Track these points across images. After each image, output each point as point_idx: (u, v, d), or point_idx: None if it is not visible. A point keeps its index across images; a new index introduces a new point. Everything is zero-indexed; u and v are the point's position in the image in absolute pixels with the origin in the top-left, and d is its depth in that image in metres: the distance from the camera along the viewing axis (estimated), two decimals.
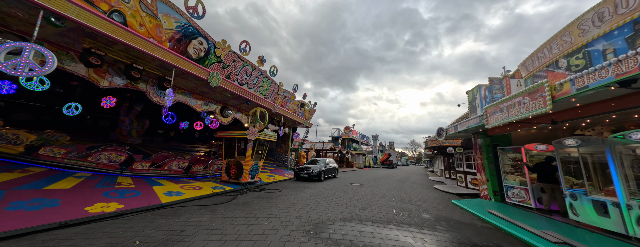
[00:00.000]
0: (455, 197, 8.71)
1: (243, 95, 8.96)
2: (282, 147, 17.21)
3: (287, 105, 13.44)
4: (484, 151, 7.61)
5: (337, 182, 11.51)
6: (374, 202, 6.77)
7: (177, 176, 8.22)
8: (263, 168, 13.36)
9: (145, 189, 5.72)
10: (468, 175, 10.43)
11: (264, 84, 10.33)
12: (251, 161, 8.58)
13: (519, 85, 5.68)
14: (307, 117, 16.55)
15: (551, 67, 4.57)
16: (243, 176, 8.32)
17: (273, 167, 14.23)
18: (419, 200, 7.58)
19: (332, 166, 13.89)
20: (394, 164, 38.44)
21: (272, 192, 7.75)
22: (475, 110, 8.14)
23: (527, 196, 6.04)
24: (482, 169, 7.78)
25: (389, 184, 12.04)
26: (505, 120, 4.40)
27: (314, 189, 8.94)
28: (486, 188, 7.59)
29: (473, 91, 8.33)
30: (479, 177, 8.00)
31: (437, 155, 20.73)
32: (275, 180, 10.67)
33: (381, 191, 9.18)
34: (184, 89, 7.69)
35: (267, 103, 10.94)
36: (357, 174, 18.34)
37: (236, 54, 7.92)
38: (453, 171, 16.09)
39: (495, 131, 7.23)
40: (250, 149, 8.46)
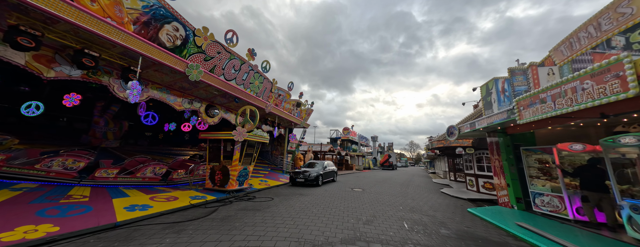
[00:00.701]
0: (469, 204, 7.72)
1: (231, 92, 7.95)
2: (277, 149, 16.15)
3: (282, 104, 12.43)
4: (503, 152, 6.65)
5: (336, 187, 10.47)
6: (380, 213, 5.75)
7: (152, 184, 7.13)
8: (255, 173, 12.27)
9: (100, 203, 4.65)
10: (480, 178, 9.46)
11: (255, 80, 9.33)
12: (239, 165, 7.53)
13: (550, 74, 4.77)
14: (303, 117, 15.55)
15: (600, 48, 3.67)
16: (229, 183, 7.25)
17: (267, 171, 13.15)
18: (430, 209, 6.57)
19: (330, 169, 12.86)
20: (393, 165, 37.51)
21: (262, 201, 6.69)
22: (491, 106, 7.20)
23: (562, 205, 5.07)
24: (501, 172, 6.81)
25: (392, 188, 11.02)
26: (549, 113, 3.45)
27: (311, 196, 7.90)
28: (506, 194, 6.61)
29: (487, 85, 7.41)
30: (497, 182, 7.02)
31: (440, 156, 19.79)
32: (268, 186, 9.60)
33: (386, 198, 8.16)
34: (159, 84, 6.65)
35: (259, 101, 9.93)
36: (357, 177, 17.31)
37: (221, 45, 6.92)
38: (459, 173, 15.13)
39: (516, 129, 6.29)
40: (238, 152, 7.41)
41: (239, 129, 7.25)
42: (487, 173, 9.17)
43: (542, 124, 5.24)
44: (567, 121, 4.18)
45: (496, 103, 6.86)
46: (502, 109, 6.50)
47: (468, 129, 6.40)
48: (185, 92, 7.57)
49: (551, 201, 5.29)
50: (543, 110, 3.55)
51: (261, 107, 10.21)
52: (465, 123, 6.52)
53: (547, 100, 3.45)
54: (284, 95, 12.31)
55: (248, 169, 8.09)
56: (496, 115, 5.06)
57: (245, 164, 7.96)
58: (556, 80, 4.73)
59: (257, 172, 12.34)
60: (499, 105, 6.73)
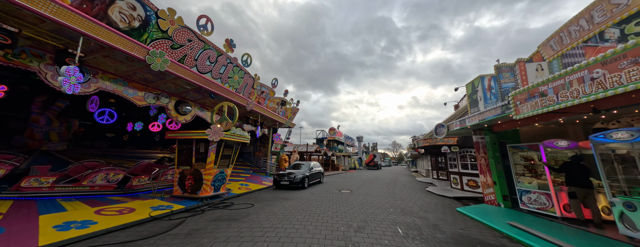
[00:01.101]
0: (456, 202, 7.63)
1: (205, 86, 7.02)
2: (261, 150, 15.19)
3: (265, 102, 11.60)
4: (490, 150, 6.60)
5: (323, 189, 9.91)
6: (371, 217, 5.30)
7: (103, 193, 5.96)
8: (235, 176, 11.27)
9: (20, 223, 3.57)
10: (464, 176, 9.53)
11: (234, 75, 8.46)
12: (215, 168, 6.63)
13: (539, 70, 4.72)
14: (289, 116, 14.80)
15: (592, 42, 3.60)
16: (203, 189, 6.34)
17: (249, 174, 12.18)
18: (421, 210, 6.29)
19: (317, 171, 12.28)
20: (378, 165, 38.05)
21: (241, 208, 5.90)
22: (477, 104, 7.16)
23: (550, 202, 5.02)
24: (487, 170, 6.76)
25: (380, 188, 10.75)
26: (550, 106, 3.23)
27: (296, 200, 7.24)
28: (493, 192, 6.55)
29: (473, 83, 7.38)
30: (483, 180, 6.97)
31: (423, 155, 20.20)
32: (249, 190, 8.75)
33: (375, 199, 7.78)
34: (113, 73, 5.56)
35: (239, 98, 9.05)
36: (344, 177, 16.94)
37: (192, 32, 6.03)
38: (442, 171, 15.43)
39: (502, 127, 6.25)
40: (214, 154, 6.52)
41: (214, 128, 6.38)
42: (471, 171, 9.25)
43: (528, 121, 5.18)
44: (559, 117, 4.07)
45: (482, 101, 6.82)
46: (488, 106, 6.45)
47: (457, 127, 6.25)
48: (149, 85, 6.50)
49: (538, 199, 5.24)
50: (543, 104, 3.34)
51: (242, 104, 9.33)
52: (454, 120, 6.37)
53: (548, 92, 3.24)
54: (267, 93, 11.50)
55: (226, 172, 7.21)
56: (489, 112, 4.90)
57: (222, 167, 7.07)
58: (545, 76, 4.66)
59: (238, 176, 11.34)
60: (485, 103, 6.68)
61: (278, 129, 15.70)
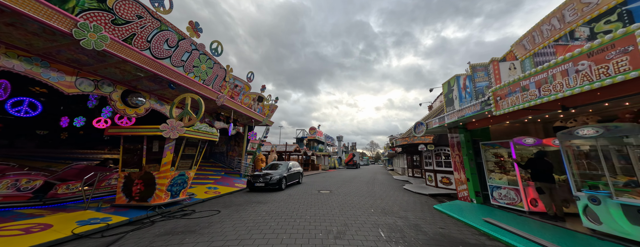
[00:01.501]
0: (432, 200, 7.72)
1: (163, 74, 5.96)
2: (235, 150, 14.00)
3: (239, 97, 10.61)
4: (464, 148, 6.75)
5: (301, 190, 9.34)
6: (352, 220, 4.91)
7: (12, 205, 4.56)
8: (202, 178, 10.08)
9: None
10: (438, 174, 9.81)
11: (201, 64, 7.43)
12: (172, 171, 5.63)
13: (512, 68, 4.84)
14: (266, 114, 13.90)
15: (562, 40, 3.71)
16: (155, 196, 5.30)
17: (219, 176, 11.03)
18: (400, 209, 6.13)
19: (295, 171, 11.66)
20: (357, 164, 38.73)
21: (203, 216, 5.04)
22: (452, 103, 7.31)
23: (518, 197, 5.19)
24: (461, 167, 6.90)
25: (359, 187, 10.57)
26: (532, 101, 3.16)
27: (271, 203, 6.56)
28: (466, 189, 6.70)
29: (449, 82, 7.52)
30: (457, 177, 7.12)
31: (400, 154, 20.87)
32: (218, 194, 7.78)
33: (355, 199, 7.48)
34: (24, 50, 4.26)
35: (207, 91, 8.01)
36: (323, 177, 16.57)
37: (143, 6, 5.00)
38: (416, 169, 16.00)
39: (475, 125, 6.41)
40: (171, 153, 5.52)
41: (172, 122, 5.39)
42: (444, 169, 9.55)
43: (500, 119, 5.32)
44: (531, 114, 4.15)
45: (457, 100, 6.96)
46: (463, 105, 6.56)
47: (436, 124, 6.25)
48: (84, 69, 5.23)
49: (508, 194, 5.40)
50: (524, 98, 3.28)
51: (211, 98, 8.30)
52: (433, 118, 6.37)
53: (529, 87, 3.19)
54: (241, 87, 10.53)
55: (187, 175, 6.21)
56: (468, 108, 4.88)
57: (183, 169, 6.07)
58: (518, 74, 4.78)
59: (206, 178, 10.16)
60: (461, 102, 6.82)
61: (254, 127, 14.67)
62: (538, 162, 4.82)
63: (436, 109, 12.08)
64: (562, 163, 4.31)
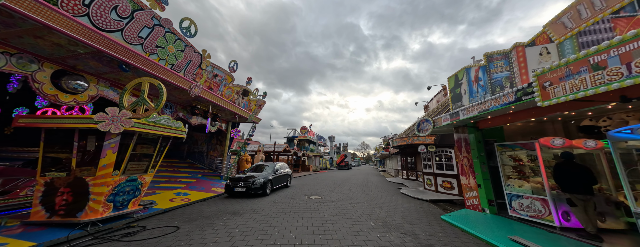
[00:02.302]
0: (435, 207, 6.80)
1: (111, 51, 4.59)
2: (217, 149, 12.52)
3: (219, 89, 9.24)
4: (474, 149, 5.85)
5: (289, 195, 8.14)
6: (350, 239, 3.82)
7: None
8: (174, 181, 8.61)
9: None
10: (439, 177, 8.95)
11: (167, 45, 6.08)
12: (116, 175, 4.26)
13: (544, 54, 3.97)
14: (253, 109, 12.55)
15: (627, 10, 2.84)
16: (88, 208, 3.92)
17: (195, 179, 9.57)
18: (404, 220, 5.11)
19: (283, 173, 10.43)
20: (349, 165, 37.94)
21: (152, 237, 3.74)
22: (460, 99, 6.41)
23: (546, 209, 4.30)
24: (471, 171, 6.00)
25: (353, 192, 9.51)
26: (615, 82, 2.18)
27: (249, 215, 5.33)
28: (476, 196, 5.79)
29: (457, 76, 6.63)
30: (465, 182, 6.22)
31: (393, 155, 20.11)
32: (187, 202, 6.42)
33: (350, 207, 6.39)
34: None
35: (177, 78, 6.65)
36: (314, 179, 15.41)
37: None
38: (411, 171, 15.23)
39: (487, 123, 5.53)
40: (113, 153, 4.15)
41: (113, 112, 4.03)
42: (446, 172, 8.69)
43: (522, 116, 4.42)
44: (588, 105, 3.22)
45: (467, 95, 6.07)
46: (474, 101, 5.67)
47: (447, 121, 5.32)
48: None
49: (532, 205, 4.51)
50: (598, 80, 2.32)
51: (182, 87, 6.92)
52: (443, 114, 5.42)
53: (608, 64, 2.24)
54: (223, 78, 9.17)
55: (141, 180, 4.84)
56: (493, 101, 3.92)
57: (135, 173, 4.70)
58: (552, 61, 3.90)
59: (178, 181, 8.69)
60: (471, 97, 5.93)
61: (239, 124, 13.27)
62: (566, 167, 3.94)
63: (436, 108, 11.30)
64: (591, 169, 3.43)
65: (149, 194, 6.57)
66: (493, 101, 3.87)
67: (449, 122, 5.27)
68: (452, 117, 5.09)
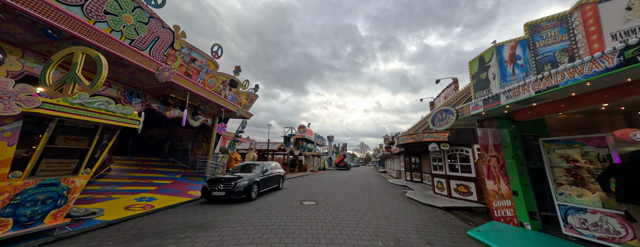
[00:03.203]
0: (452, 217, 5.54)
1: (23, 7, 3.29)
2: (203, 147, 11.19)
3: (200, 76, 7.94)
4: (509, 147, 4.60)
5: (279, 201, 6.84)
6: None
7: None
8: (143, 183, 7.26)
9: None
10: (452, 180, 7.68)
11: (124, 13, 4.81)
12: (20, 179, 2.95)
13: (637, 6, 2.72)
14: (243, 103, 11.25)
15: None
16: None
17: (171, 180, 8.24)
18: (421, 238, 3.85)
19: (274, 173, 9.14)
20: (348, 165, 36.69)
21: None
22: (487, 85, 5.16)
23: (628, 230, 3.03)
24: (502, 175, 4.74)
25: (353, 196, 8.21)
26: None
27: (220, 229, 4.04)
28: (510, 206, 4.52)
29: (483, 57, 5.38)
30: (493, 188, 4.96)
31: (395, 155, 18.85)
32: (150, 209, 5.10)
33: (350, 217, 5.10)
34: None
35: (139, 57, 5.35)
36: (311, 180, 14.11)
37: None
38: (415, 172, 13.96)
39: (527, 114, 4.27)
40: (10, 145, 2.84)
41: (6, 86, 2.72)
42: (461, 174, 7.43)
43: (591, 100, 3.16)
44: None
45: (498, 79, 4.82)
46: (509, 84, 4.41)
47: (479, 109, 4.04)
48: None
49: (602, 223, 3.24)
50: None
51: (147, 69, 5.61)
52: (474, 101, 4.13)
53: None
54: (204, 64, 7.86)
55: (68, 184, 3.52)
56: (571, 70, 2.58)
57: (58, 174, 3.39)
58: None
59: (148, 183, 7.36)
60: (504, 81, 4.68)
61: (225, 119, 11.95)
62: (633, 170, 2.75)
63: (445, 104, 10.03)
64: None
65: (101, 201, 5.25)
66: (567, 73, 2.59)
67: (479, 111, 4.00)
68: (486, 104, 3.82)
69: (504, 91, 3.39)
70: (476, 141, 7.32)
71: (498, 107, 3.59)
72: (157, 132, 12.26)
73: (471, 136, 7.35)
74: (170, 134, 12.22)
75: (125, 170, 7.99)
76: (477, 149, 7.27)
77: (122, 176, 7.35)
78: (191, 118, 8.97)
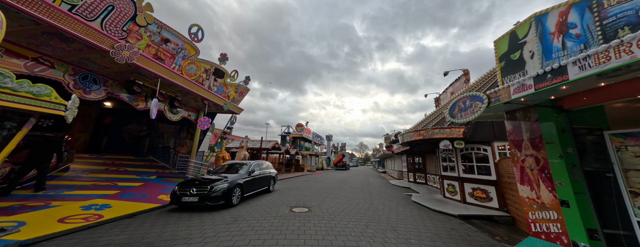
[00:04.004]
0: (473, 229, 4.50)
1: None
2: (186, 144, 10.04)
3: (176, 61, 6.80)
4: (556, 143, 3.52)
5: (264, 207, 5.73)
6: None
7: None
8: (104, 186, 6.10)
9: None
10: (467, 183, 6.62)
11: None
12: None
13: None
14: (232, 97, 10.12)
15: None
16: None
17: (142, 182, 7.08)
18: None
19: (263, 174, 8.04)
20: (346, 165, 35.66)
21: None
22: (522, 66, 4.09)
23: None
24: (545, 179, 3.68)
25: (353, 200, 7.12)
26: None
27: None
28: (557, 220, 3.46)
29: (515, 34, 4.31)
30: (527, 195, 3.90)
31: (396, 155, 17.80)
32: (95, 221, 3.96)
33: (350, 230, 4.01)
34: None
35: (78, 27, 4.21)
36: (306, 181, 13.01)
37: None
38: (419, 173, 12.92)
39: (582, 100, 3.20)
40: None
41: None
42: (478, 176, 6.36)
43: None
44: None
45: (539, 57, 3.74)
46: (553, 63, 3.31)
47: (528, 89, 2.92)
48: None
49: None
50: None
51: (99, 46, 4.48)
52: (519, 80, 3.02)
53: None
54: (180, 47, 6.72)
55: None
56: None
57: None
58: None
59: (111, 186, 6.20)
60: (547, 59, 3.62)
61: (216, 114, 10.83)
62: None
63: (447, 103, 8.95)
64: None
65: (32, 210, 4.10)
66: None
67: (528, 92, 2.88)
68: (540, 81, 2.68)
69: (577, 59, 2.31)
70: (496, 137, 6.26)
71: (562, 83, 2.47)
72: (136, 128, 11.09)
73: (490, 131, 6.29)
74: (150, 130, 11.05)
75: (87, 170, 6.84)
76: (497, 148, 6.20)
77: (79, 177, 6.21)
78: (169, 111, 7.83)
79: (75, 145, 9.18)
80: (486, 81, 7.29)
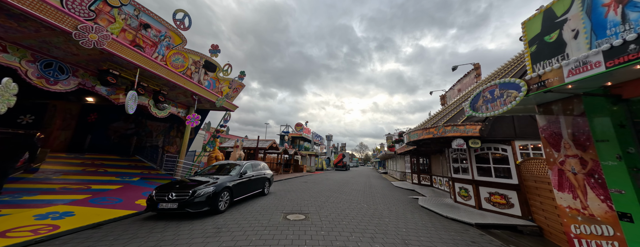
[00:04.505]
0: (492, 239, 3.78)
1: None
2: (176, 143, 9.32)
3: (159, 50, 6.09)
4: (614, 140, 2.81)
5: (255, 214, 5.01)
6: None
7: None
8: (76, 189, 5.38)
9: None
10: (483, 187, 5.89)
11: None
12: None
13: None
14: (225, 92, 9.42)
15: None
16: None
17: (121, 185, 6.36)
18: None
19: (257, 176, 7.33)
20: (347, 165, 34.98)
21: None
22: (560, 50, 3.39)
23: None
24: (594, 185, 2.97)
25: (355, 205, 6.39)
26: None
27: None
28: (617, 238, 2.76)
29: (551, 10, 3.62)
30: (571, 205, 3.20)
31: (399, 155, 17.06)
32: (48, 233, 3.23)
33: (352, 241, 3.29)
34: None
35: (40, 6, 3.48)
36: (305, 182, 12.29)
37: None
38: (424, 175, 12.20)
39: None
40: None
41: None
42: (496, 180, 5.64)
43: None
44: None
45: (588, 35, 3.03)
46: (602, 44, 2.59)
47: (591, 69, 2.21)
48: None
49: None
50: None
51: (58, 25, 3.77)
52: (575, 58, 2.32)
53: None
54: (163, 34, 6.01)
55: None
56: None
57: None
58: None
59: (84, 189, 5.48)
60: (600, 37, 2.91)
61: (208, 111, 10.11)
62: None
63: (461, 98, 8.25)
64: None
65: None
66: None
67: (598, 71, 2.17)
68: (616, 55, 1.96)
69: None
70: (518, 136, 5.54)
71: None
72: (123, 125, 10.37)
73: (510, 129, 5.57)
74: (138, 127, 10.33)
75: (60, 171, 6.12)
76: (518, 147, 5.49)
77: (48, 180, 5.49)
78: (154, 107, 7.12)
79: (54, 143, 8.47)
80: (503, 75, 6.58)
